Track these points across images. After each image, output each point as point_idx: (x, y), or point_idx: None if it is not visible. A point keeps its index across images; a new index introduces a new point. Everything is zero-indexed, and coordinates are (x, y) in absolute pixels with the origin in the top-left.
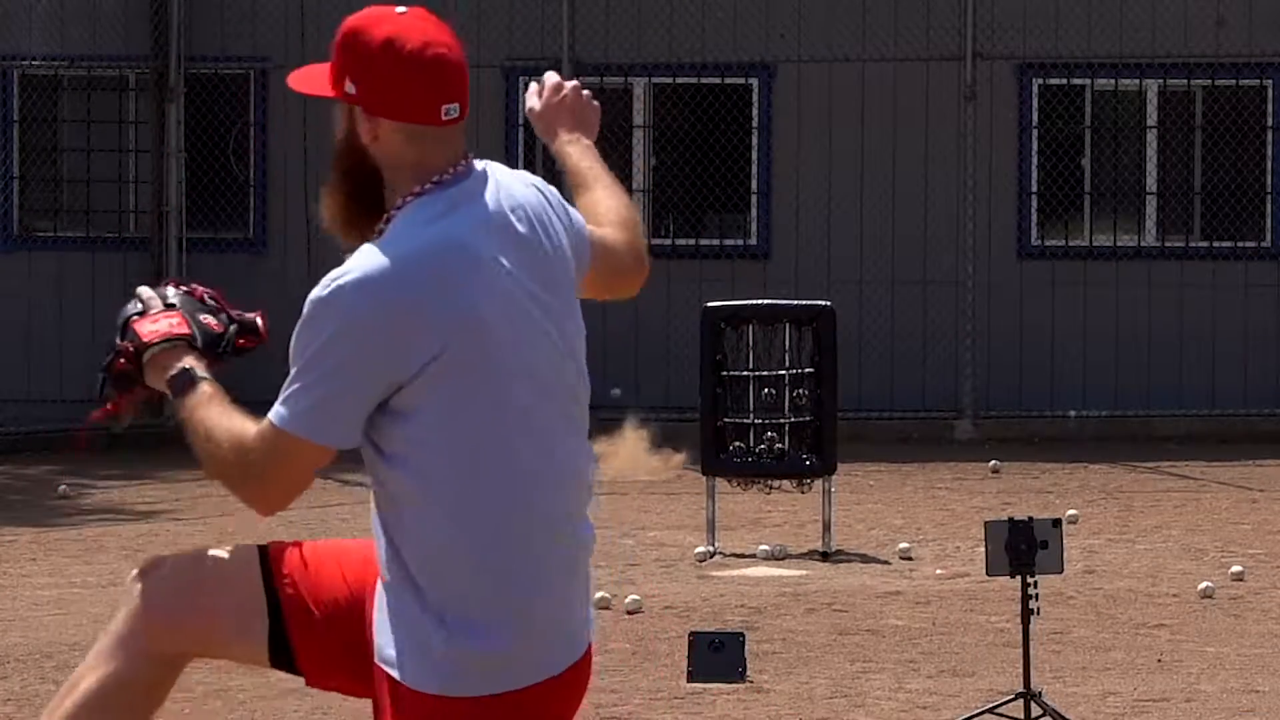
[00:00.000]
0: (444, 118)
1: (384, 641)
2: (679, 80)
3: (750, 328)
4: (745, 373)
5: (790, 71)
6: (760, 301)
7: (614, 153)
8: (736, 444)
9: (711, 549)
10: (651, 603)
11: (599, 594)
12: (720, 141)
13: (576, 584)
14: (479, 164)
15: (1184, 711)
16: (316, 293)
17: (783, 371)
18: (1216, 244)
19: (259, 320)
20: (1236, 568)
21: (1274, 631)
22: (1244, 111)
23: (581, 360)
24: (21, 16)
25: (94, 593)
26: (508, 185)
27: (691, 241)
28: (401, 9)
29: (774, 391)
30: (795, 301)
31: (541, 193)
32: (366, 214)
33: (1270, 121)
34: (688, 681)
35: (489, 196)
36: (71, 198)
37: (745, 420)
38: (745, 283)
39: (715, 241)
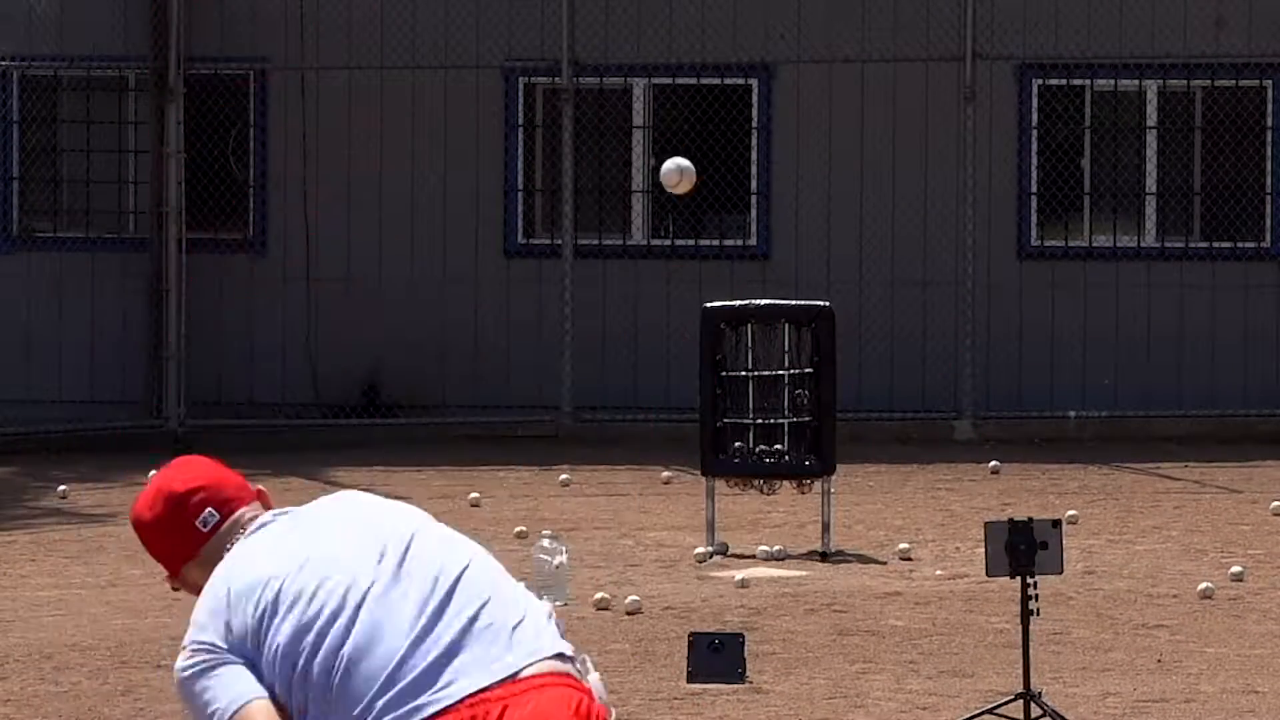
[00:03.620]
0: (202, 529)
1: None
2: (679, 81)
3: (750, 328)
4: (745, 373)
5: (790, 72)
6: (760, 302)
7: (614, 153)
8: (736, 444)
9: (711, 549)
10: (651, 603)
11: (599, 594)
12: (720, 142)
13: None
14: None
15: (1183, 712)
16: None
17: (782, 372)
18: (1216, 244)
19: None
20: (1236, 568)
21: (1274, 632)
22: (1244, 112)
23: None
24: (21, 17)
25: (93, 593)
26: None
27: (691, 242)
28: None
29: (773, 392)
30: (794, 302)
31: None
32: None
33: (1270, 122)
34: (688, 682)
35: None
36: (71, 198)
37: (745, 420)
38: (745, 283)
39: (715, 242)
